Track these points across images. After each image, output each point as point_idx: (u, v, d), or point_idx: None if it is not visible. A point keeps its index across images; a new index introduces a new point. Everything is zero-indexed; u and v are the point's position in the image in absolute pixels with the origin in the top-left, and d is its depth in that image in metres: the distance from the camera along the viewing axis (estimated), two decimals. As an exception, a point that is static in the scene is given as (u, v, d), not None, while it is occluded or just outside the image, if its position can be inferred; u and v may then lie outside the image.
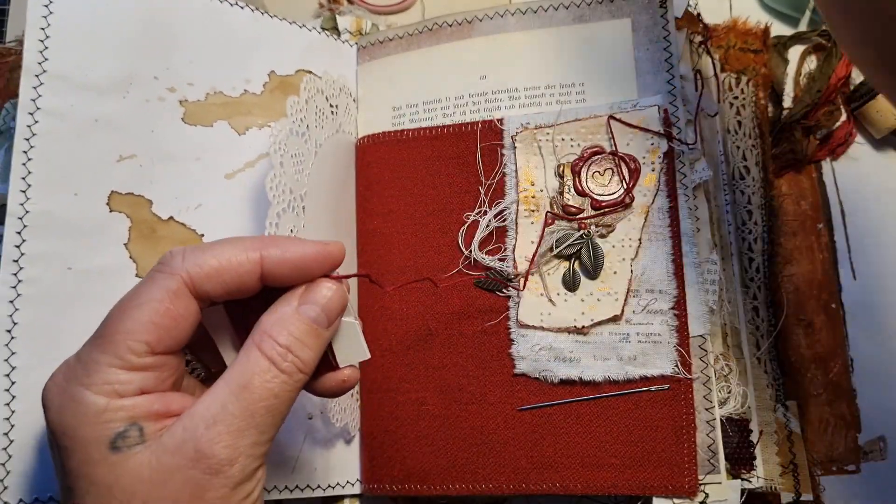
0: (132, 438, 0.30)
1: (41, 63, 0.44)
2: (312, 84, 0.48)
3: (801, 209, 0.57)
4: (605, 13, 0.50)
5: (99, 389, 0.30)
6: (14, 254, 0.42)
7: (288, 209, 0.43)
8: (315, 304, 0.34)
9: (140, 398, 0.31)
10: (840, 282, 0.56)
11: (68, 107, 0.45)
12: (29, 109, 0.43)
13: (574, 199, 0.48)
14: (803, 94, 0.58)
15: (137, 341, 0.31)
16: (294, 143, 0.45)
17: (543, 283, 0.47)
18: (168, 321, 0.32)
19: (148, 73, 0.47)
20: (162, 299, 0.31)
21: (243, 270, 0.33)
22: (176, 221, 0.47)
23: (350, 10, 0.60)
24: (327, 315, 0.34)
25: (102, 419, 0.30)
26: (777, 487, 0.48)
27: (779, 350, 0.53)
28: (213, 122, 0.49)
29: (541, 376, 0.46)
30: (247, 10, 0.52)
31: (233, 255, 0.33)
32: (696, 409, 0.44)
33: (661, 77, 0.49)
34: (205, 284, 0.32)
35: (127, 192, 0.46)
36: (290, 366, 0.32)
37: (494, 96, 0.51)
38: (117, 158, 0.46)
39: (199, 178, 0.48)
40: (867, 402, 0.54)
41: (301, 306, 0.34)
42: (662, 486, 0.44)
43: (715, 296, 0.46)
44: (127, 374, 0.31)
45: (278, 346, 0.32)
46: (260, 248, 0.33)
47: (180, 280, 0.32)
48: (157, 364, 0.32)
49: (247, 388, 0.31)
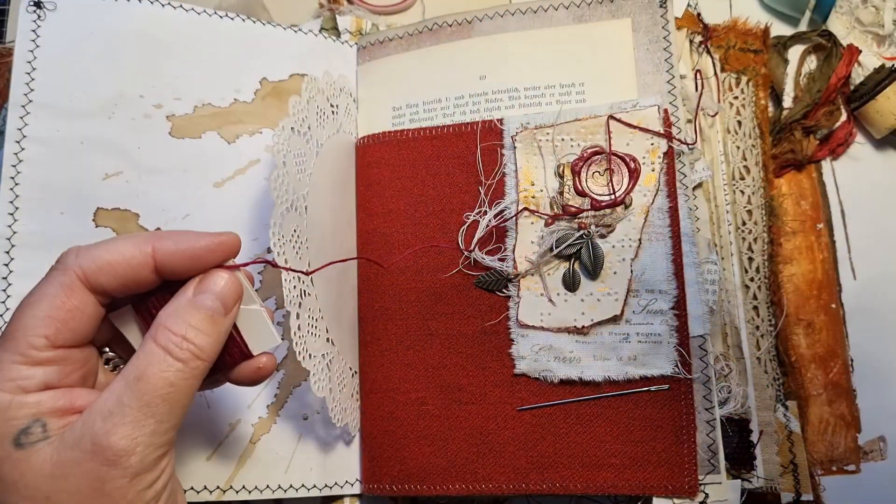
0: (35, 434, 0.31)
1: (27, 94, 0.46)
2: (314, 84, 0.48)
3: (802, 209, 0.57)
4: (605, 13, 0.50)
5: (3, 387, 0.31)
6: (3, 272, 0.44)
7: (291, 209, 0.43)
8: (209, 293, 0.34)
9: (44, 394, 0.32)
10: (840, 282, 0.56)
11: (54, 132, 0.46)
12: (16, 138, 0.45)
13: (574, 199, 0.48)
14: (803, 94, 0.58)
15: (36, 335, 0.32)
16: (296, 143, 0.45)
17: (543, 283, 0.47)
18: (64, 314, 0.33)
19: (133, 93, 0.48)
20: (56, 294, 0.33)
21: (135, 263, 0.34)
22: None
23: (350, 11, 0.60)
24: (223, 302, 0.35)
25: (7, 416, 0.31)
26: (777, 487, 0.48)
27: (779, 350, 0.53)
28: (201, 133, 0.50)
29: (541, 376, 0.46)
30: (237, 19, 0.52)
31: (125, 248, 0.34)
32: (696, 409, 0.44)
33: (661, 77, 0.48)
34: (99, 278, 0.33)
35: (113, 207, 0.47)
36: (185, 353, 0.33)
37: (494, 96, 0.51)
38: (103, 177, 0.47)
39: (186, 189, 0.48)
40: (867, 402, 0.54)
41: (196, 296, 0.34)
42: (662, 487, 0.44)
43: (715, 296, 0.46)
44: (29, 370, 0.32)
45: (173, 335, 0.33)
46: (152, 241, 0.34)
47: (73, 275, 0.33)
48: (59, 358, 0.33)
49: (141, 378, 0.32)
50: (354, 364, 0.50)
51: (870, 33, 0.60)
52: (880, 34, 0.59)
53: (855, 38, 0.59)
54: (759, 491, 0.47)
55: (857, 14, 0.60)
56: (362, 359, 0.50)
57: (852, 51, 0.57)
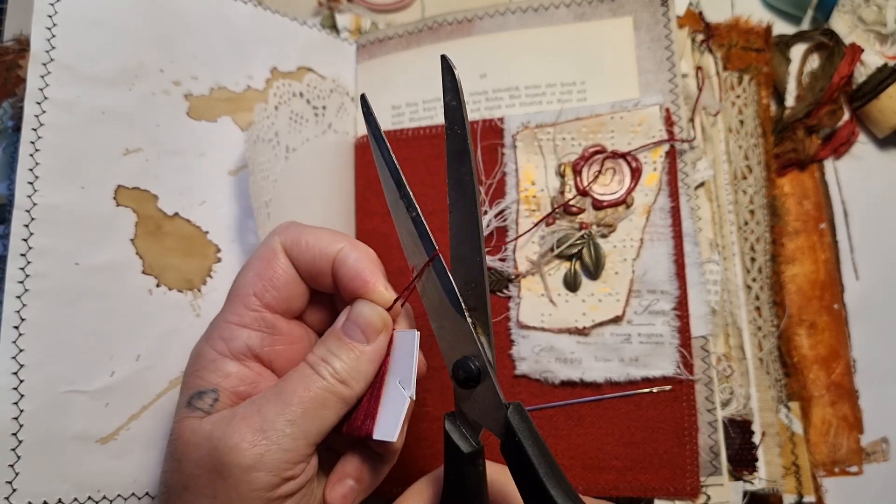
0: (205, 402, 0.34)
1: (48, 52, 0.43)
2: (285, 89, 0.48)
3: (804, 209, 0.57)
4: (606, 11, 0.50)
5: (214, 343, 0.35)
6: (22, 247, 0.41)
7: (262, 214, 0.44)
8: (350, 321, 0.35)
9: (241, 369, 0.35)
10: (843, 282, 0.56)
11: (75, 98, 0.44)
12: (37, 99, 0.42)
13: (575, 198, 0.47)
14: (806, 93, 0.57)
15: (247, 294, 0.35)
16: (262, 150, 0.45)
17: (544, 284, 0.47)
18: (269, 272, 0.36)
19: (154, 66, 0.47)
20: (263, 256, 0.36)
21: (328, 253, 0.35)
22: (181, 217, 0.46)
23: (349, 9, 0.60)
24: (363, 331, 0.35)
25: (201, 373, 0.35)
26: (779, 489, 0.48)
27: (781, 351, 0.52)
28: (217, 117, 0.49)
29: (542, 377, 0.46)
30: (249, 5, 0.52)
31: (325, 237, 0.36)
32: (698, 410, 0.44)
33: (662, 76, 0.48)
34: (293, 251, 0.36)
35: (133, 186, 0.45)
36: (325, 371, 0.34)
37: (495, 95, 0.51)
38: (124, 152, 0.45)
39: (203, 173, 0.48)
40: (870, 403, 0.53)
41: (343, 324, 0.36)
42: (664, 488, 0.44)
43: (717, 296, 0.46)
44: (237, 330, 0.35)
45: (314, 356, 0.35)
46: (346, 242, 0.36)
47: (278, 242, 0.36)
48: (266, 322, 0.36)
49: (283, 388, 0.34)
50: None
51: (872, 32, 0.59)
52: (883, 33, 0.59)
53: (857, 37, 0.59)
54: (762, 493, 0.47)
55: (860, 13, 0.60)
56: (362, 359, 0.50)
57: (855, 50, 0.57)
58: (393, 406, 0.35)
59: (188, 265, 0.46)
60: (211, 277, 0.47)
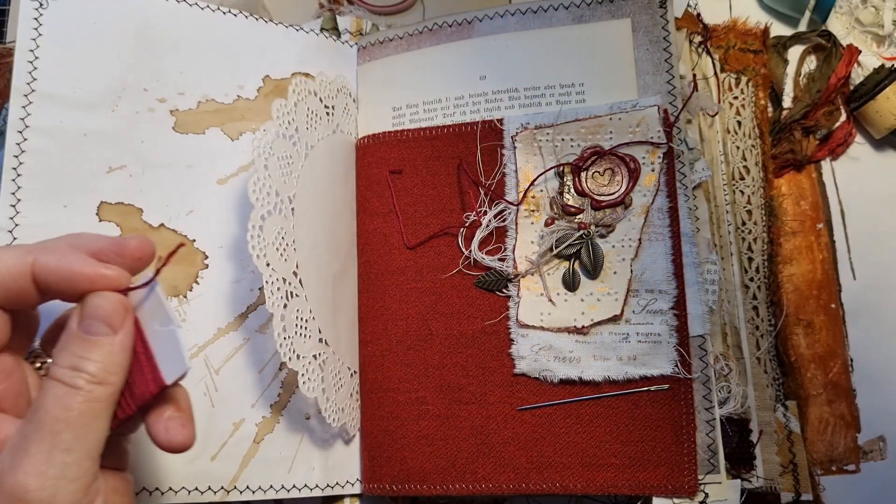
0: None
1: (29, 83, 0.45)
2: (303, 86, 0.48)
3: (801, 209, 0.57)
4: (604, 13, 0.50)
5: None
6: None
7: (274, 211, 0.43)
8: (88, 318, 0.32)
9: None
10: (840, 282, 0.56)
11: (57, 123, 0.45)
12: (18, 128, 0.44)
13: (574, 199, 0.48)
14: (803, 94, 0.58)
15: None
16: (281, 146, 0.45)
17: (543, 283, 0.47)
18: None
19: (137, 86, 0.48)
20: None
21: (15, 272, 0.32)
22: (167, 228, 0.47)
23: (350, 11, 0.60)
24: (107, 323, 0.32)
25: None
26: (777, 487, 0.48)
27: (778, 350, 0.53)
28: (204, 129, 0.49)
29: (541, 376, 0.46)
30: (240, 16, 0.52)
31: (6, 256, 0.32)
32: (695, 408, 0.44)
33: (660, 77, 0.49)
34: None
35: (117, 201, 0.46)
36: (80, 381, 0.31)
37: (494, 96, 0.51)
38: (107, 170, 0.46)
39: (190, 184, 0.48)
40: (867, 402, 0.54)
41: (78, 324, 0.32)
42: (662, 486, 0.44)
43: (715, 296, 0.47)
44: None
45: (61, 368, 0.31)
46: (36, 253, 0.32)
47: None
48: None
49: (39, 408, 0.30)
50: (354, 364, 0.50)
51: (869, 33, 0.60)
52: (880, 34, 0.59)
53: (855, 39, 0.59)
54: (759, 491, 0.47)
55: (857, 14, 0.60)
56: (362, 359, 0.50)
57: (852, 51, 0.57)
58: (168, 345, 0.33)
59: (174, 273, 0.46)
60: (197, 283, 0.47)
